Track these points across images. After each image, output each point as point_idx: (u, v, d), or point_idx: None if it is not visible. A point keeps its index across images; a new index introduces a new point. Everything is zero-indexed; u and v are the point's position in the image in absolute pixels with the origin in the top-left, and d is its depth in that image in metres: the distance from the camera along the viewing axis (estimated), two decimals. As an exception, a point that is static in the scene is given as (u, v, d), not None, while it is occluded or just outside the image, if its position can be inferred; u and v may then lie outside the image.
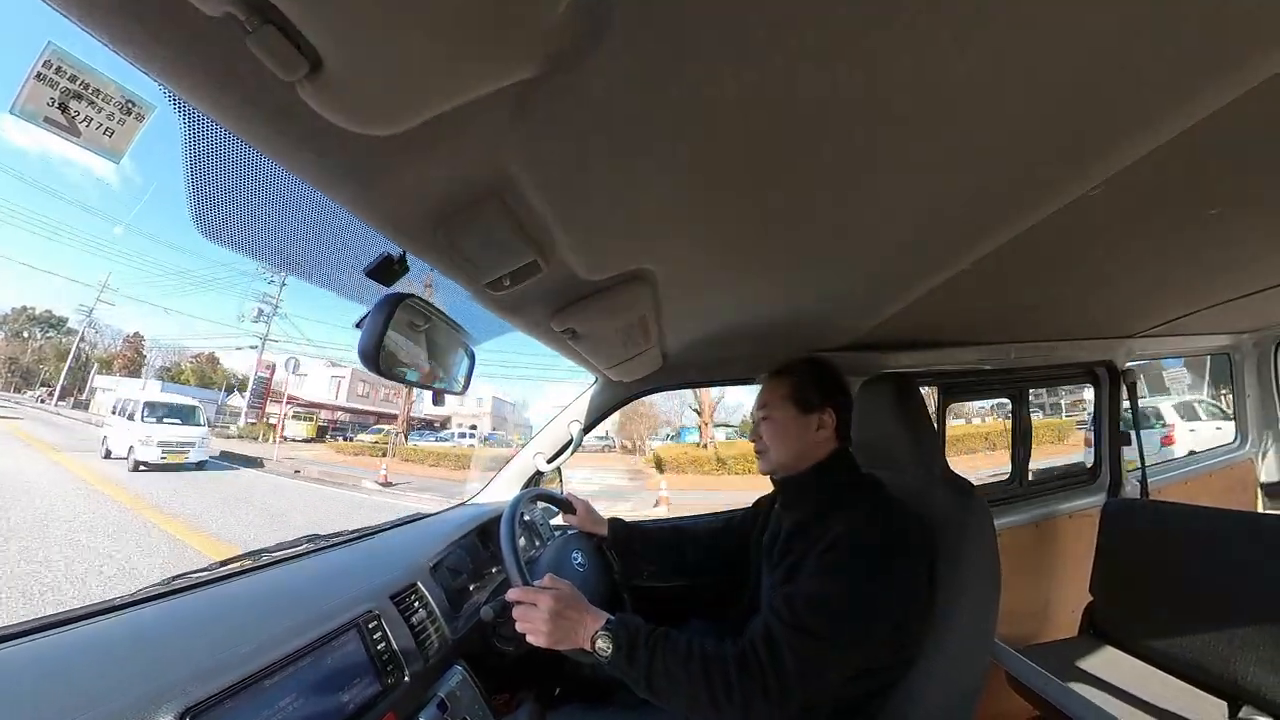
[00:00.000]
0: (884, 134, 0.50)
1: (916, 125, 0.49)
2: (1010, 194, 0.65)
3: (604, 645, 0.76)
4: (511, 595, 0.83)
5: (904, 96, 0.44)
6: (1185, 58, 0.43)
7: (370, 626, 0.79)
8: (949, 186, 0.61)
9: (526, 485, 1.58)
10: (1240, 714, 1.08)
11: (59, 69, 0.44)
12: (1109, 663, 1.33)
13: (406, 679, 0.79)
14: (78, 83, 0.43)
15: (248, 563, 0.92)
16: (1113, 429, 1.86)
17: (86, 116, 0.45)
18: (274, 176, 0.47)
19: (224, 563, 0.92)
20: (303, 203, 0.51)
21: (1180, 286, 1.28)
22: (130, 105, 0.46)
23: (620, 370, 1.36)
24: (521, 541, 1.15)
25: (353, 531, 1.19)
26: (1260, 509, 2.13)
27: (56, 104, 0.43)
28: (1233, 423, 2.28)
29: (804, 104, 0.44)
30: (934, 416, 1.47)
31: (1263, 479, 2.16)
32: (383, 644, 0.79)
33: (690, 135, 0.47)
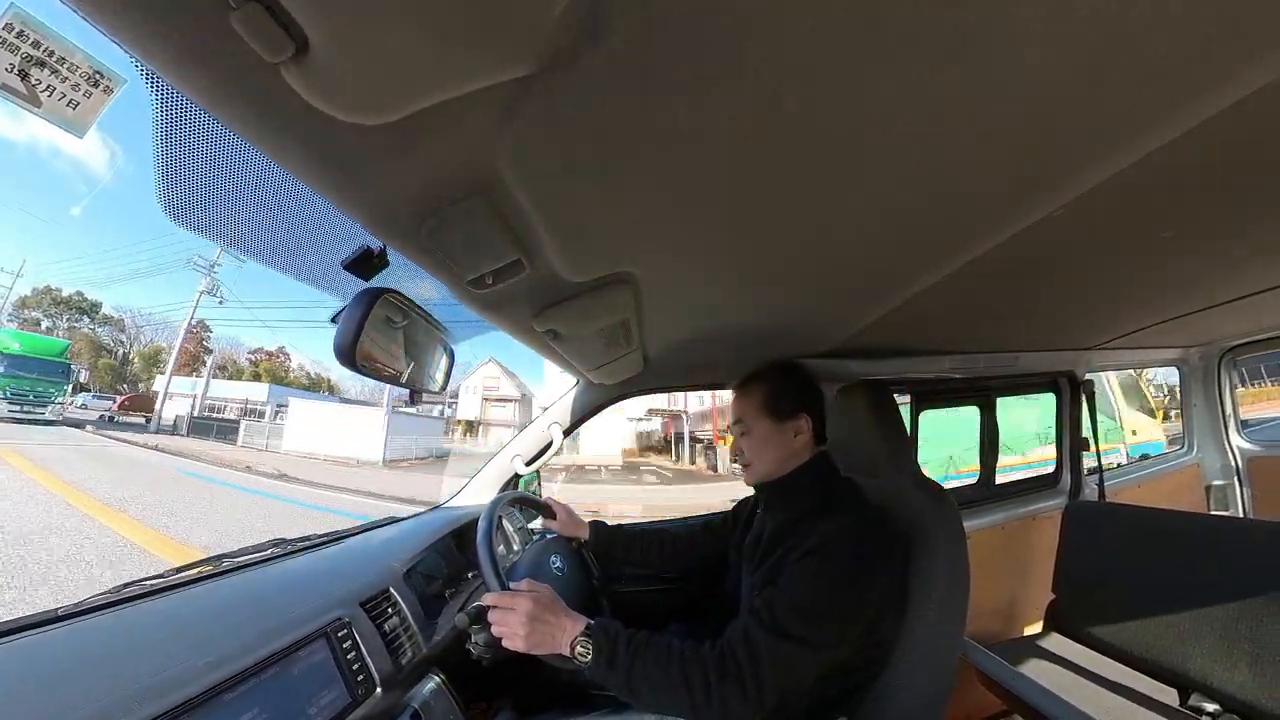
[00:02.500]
0: (864, 150, 0.52)
1: (896, 143, 0.51)
2: (980, 212, 0.68)
3: (584, 650, 0.75)
4: (488, 599, 0.81)
5: (885, 115, 0.46)
6: (1143, 92, 0.46)
7: (340, 635, 0.76)
8: (924, 203, 0.64)
9: (504, 488, 1.56)
10: (1190, 701, 1.14)
11: (20, 33, 0.41)
12: (1071, 657, 1.39)
13: (378, 690, 0.76)
14: (41, 49, 0.40)
15: (208, 568, 0.87)
16: (1074, 436, 1.95)
17: (49, 86, 0.41)
18: (250, 160, 0.45)
19: (182, 568, 0.87)
20: (279, 190, 0.50)
21: (1136, 303, 1.35)
22: (98, 77, 0.42)
23: (602, 373, 1.36)
24: (501, 549, 1.13)
25: (322, 535, 1.15)
26: (1207, 510, 2.26)
27: (16, 70, 0.40)
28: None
29: (789, 117, 0.45)
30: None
31: (1208, 482, 2.29)
32: (353, 653, 0.76)
33: (678, 142, 0.47)
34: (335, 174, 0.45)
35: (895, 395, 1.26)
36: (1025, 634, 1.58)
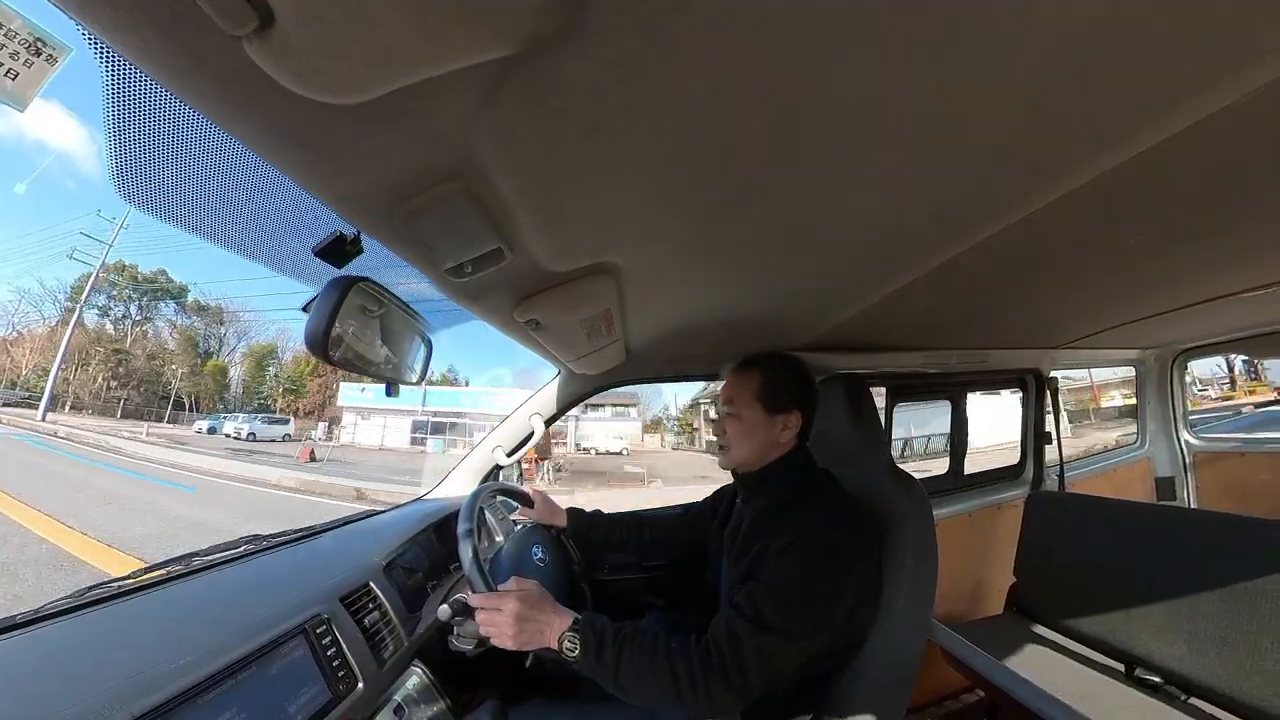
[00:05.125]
0: (850, 146, 0.52)
1: (880, 141, 0.51)
2: (956, 214, 0.70)
3: (571, 645, 0.76)
4: (475, 601, 0.81)
5: (871, 111, 0.47)
6: (1117, 104, 0.48)
7: (319, 631, 0.75)
8: (903, 201, 0.65)
9: (484, 480, 1.54)
10: (1135, 674, 1.23)
11: (-53, -5, 0.36)
12: (1029, 636, 1.47)
13: (360, 685, 0.75)
14: (-29, 12, 0.36)
15: (178, 568, 0.84)
16: (1038, 429, 2.03)
17: (-17, 54, 0.37)
18: (211, 139, 0.43)
19: (149, 569, 0.83)
20: (244, 171, 0.47)
21: (1099, 306, 1.42)
22: (39, 45, 0.38)
23: (584, 363, 1.35)
24: (484, 544, 1.12)
25: (297, 530, 1.12)
26: (1156, 500, 2.41)
27: (-58, 36, 0.36)
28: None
29: (776, 109, 0.45)
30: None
31: (1157, 474, 2.43)
32: (333, 649, 0.75)
33: (662, 130, 0.47)
34: (304, 155, 0.42)
35: (870, 388, 1.29)
36: (988, 615, 1.66)
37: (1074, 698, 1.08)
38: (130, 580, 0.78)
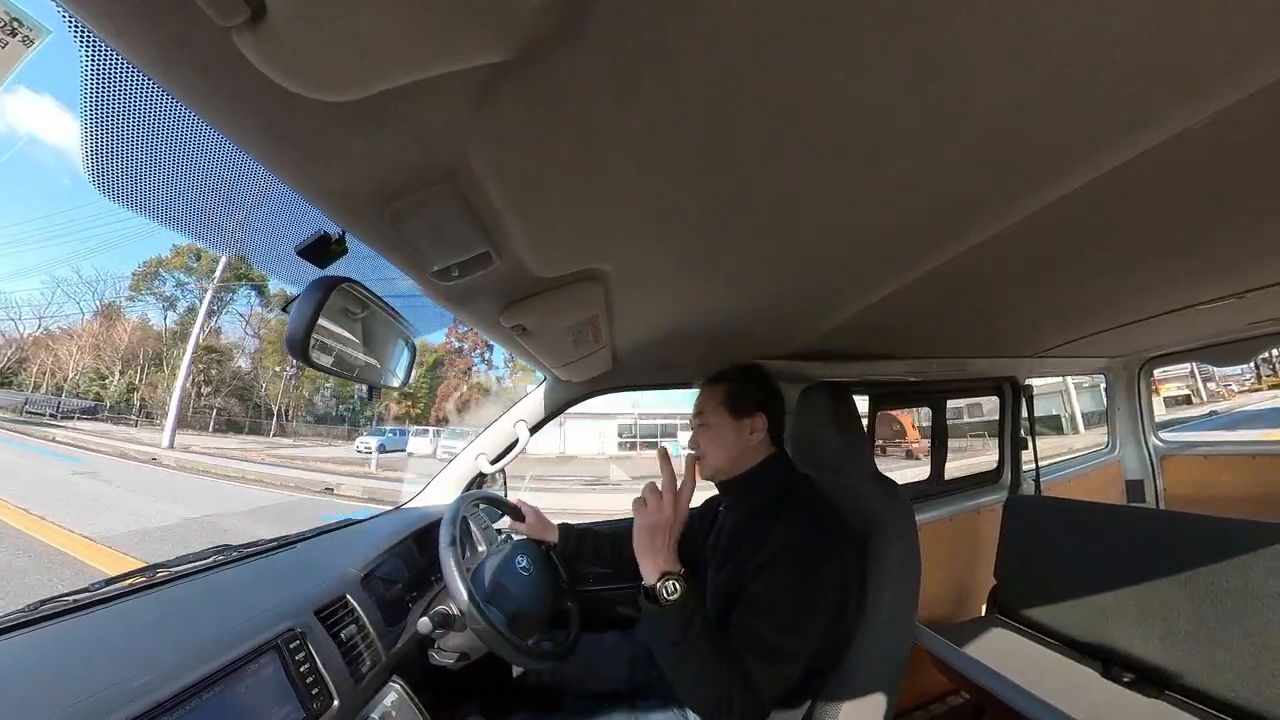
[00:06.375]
0: (837, 161, 0.53)
1: (865, 155, 0.53)
2: (938, 226, 0.72)
3: (674, 589, 0.76)
4: (648, 493, 0.84)
5: (858, 128, 0.48)
6: (1088, 126, 0.51)
7: (292, 646, 0.72)
8: (887, 213, 0.67)
9: (468, 489, 1.51)
10: (1111, 672, 1.27)
11: (-84, -32, 0.34)
12: (1010, 637, 1.50)
13: (335, 703, 0.72)
14: (-58, -13, 0.34)
15: (141, 580, 0.80)
16: (1014, 435, 2.09)
17: (-48, 32, 0.35)
18: (194, 131, 0.42)
19: (110, 581, 0.79)
20: (227, 165, 0.46)
21: (1071, 316, 1.48)
22: (15, 25, 0.36)
23: (570, 370, 1.35)
24: (467, 555, 1.09)
25: (270, 540, 1.08)
26: (1126, 502, 2.49)
27: (-90, 12, 0.34)
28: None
29: (766, 120, 0.46)
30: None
31: (1127, 476, 2.52)
32: (306, 665, 0.72)
33: (654, 141, 0.47)
34: (290, 151, 0.42)
35: (854, 396, 1.31)
36: (971, 618, 1.68)
37: (1056, 696, 1.10)
38: (86, 594, 0.73)
